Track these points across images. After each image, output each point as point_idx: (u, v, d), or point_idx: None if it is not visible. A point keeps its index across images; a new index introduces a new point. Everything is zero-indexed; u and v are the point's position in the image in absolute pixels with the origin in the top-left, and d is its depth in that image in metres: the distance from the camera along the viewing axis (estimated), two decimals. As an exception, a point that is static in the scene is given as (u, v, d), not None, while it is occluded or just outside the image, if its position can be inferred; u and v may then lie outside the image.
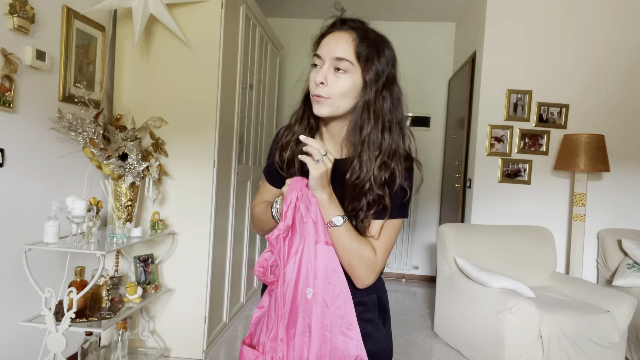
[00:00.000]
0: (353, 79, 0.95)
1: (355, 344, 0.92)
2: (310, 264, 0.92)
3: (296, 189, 0.94)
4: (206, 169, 2.52)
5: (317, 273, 0.92)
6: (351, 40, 0.94)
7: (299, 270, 0.93)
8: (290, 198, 0.93)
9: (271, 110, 3.98)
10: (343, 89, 0.95)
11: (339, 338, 0.92)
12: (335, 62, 0.94)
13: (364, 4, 4.22)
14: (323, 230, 0.93)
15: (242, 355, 1.03)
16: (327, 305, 0.92)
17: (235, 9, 2.73)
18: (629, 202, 3.44)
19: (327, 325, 0.92)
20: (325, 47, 0.96)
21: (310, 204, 0.93)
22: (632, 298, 2.53)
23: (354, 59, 0.94)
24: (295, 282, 0.93)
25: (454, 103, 4.42)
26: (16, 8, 1.81)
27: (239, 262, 3.15)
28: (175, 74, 2.50)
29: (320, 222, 0.93)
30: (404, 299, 4.05)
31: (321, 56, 0.96)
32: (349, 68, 0.94)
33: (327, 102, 0.95)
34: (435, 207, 4.76)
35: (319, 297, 0.92)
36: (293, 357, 0.93)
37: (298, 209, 0.93)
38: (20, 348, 1.99)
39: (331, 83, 0.95)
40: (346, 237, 0.94)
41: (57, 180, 2.17)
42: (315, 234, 0.93)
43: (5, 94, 1.80)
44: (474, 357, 2.68)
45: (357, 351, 0.92)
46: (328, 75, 0.95)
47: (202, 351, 2.53)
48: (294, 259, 0.93)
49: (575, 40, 3.44)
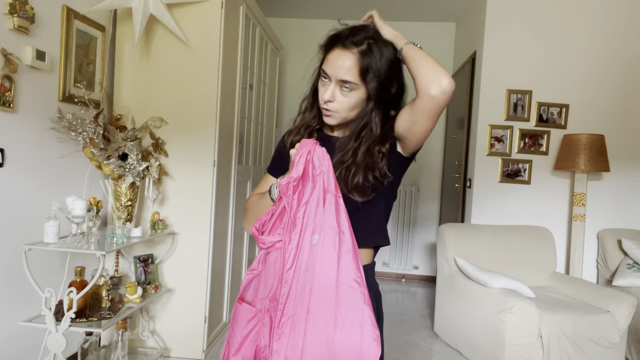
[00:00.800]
0: (358, 94, 1.02)
1: (361, 294, 0.89)
2: (319, 211, 0.94)
3: (308, 145, 0.98)
4: (206, 169, 2.52)
5: (325, 220, 0.93)
6: (355, 60, 0.98)
7: (307, 218, 0.94)
8: (302, 150, 0.97)
9: (271, 110, 3.98)
10: (349, 104, 1.02)
11: (348, 289, 0.90)
12: (342, 83, 1.00)
13: (364, 4, 4.22)
14: (334, 182, 0.96)
15: (238, 311, 1.03)
16: (333, 247, 0.92)
17: (235, 9, 2.73)
18: (629, 202, 3.44)
19: (332, 277, 0.91)
20: (331, 67, 1.01)
21: (323, 160, 0.96)
22: (632, 298, 2.53)
23: (357, 80, 0.99)
24: (302, 228, 0.94)
25: (454, 103, 4.42)
26: (16, 8, 1.81)
27: (239, 262, 3.15)
28: (175, 74, 2.50)
29: (331, 174, 0.96)
30: (404, 299, 4.05)
31: (328, 74, 1.01)
32: (354, 87, 1.00)
33: (335, 115, 1.04)
34: (435, 207, 4.76)
35: (324, 242, 0.92)
36: (294, 301, 0.92)
37: (310, 162, 0.96)
38: (20, 348, 1.99)
39: (339, 100, 1.02)
40: (422, 57, 0.97)
41: (57, 180, 2.17)
42: (327, 184, 0.95)
43: (5, 94, 1.80)
44: (474, 357, 2.68)
45: (364, 302, 0.89)
46: (335, 93, 1.01)
47: (202, 351, 2.53)
48: (304, 208, 0.95)
49: (575, 40, 3.44)
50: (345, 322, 0.89)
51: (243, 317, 1.01)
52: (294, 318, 0.91)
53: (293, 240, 0.94)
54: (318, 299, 0.90)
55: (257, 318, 0.99)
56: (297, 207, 0.95)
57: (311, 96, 1.13)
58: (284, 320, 0.91)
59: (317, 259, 0.91)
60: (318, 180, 0.95)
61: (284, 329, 0.91)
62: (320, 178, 0.95)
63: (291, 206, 0.96)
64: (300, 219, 0.95)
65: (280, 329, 0.91)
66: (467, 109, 3.82)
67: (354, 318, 0.89)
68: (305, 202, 0.95)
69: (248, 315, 1.00)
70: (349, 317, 0.89)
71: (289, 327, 0.91)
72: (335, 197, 0.94)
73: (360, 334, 0.88)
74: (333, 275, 0.90)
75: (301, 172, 0.96)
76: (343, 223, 0.93)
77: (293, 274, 0.93)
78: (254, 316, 0.99)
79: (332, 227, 0.93)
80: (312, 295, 0.90)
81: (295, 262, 0.93)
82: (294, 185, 0.95)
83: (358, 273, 0.91)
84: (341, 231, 0.92)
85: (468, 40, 4.08)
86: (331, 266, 0.91)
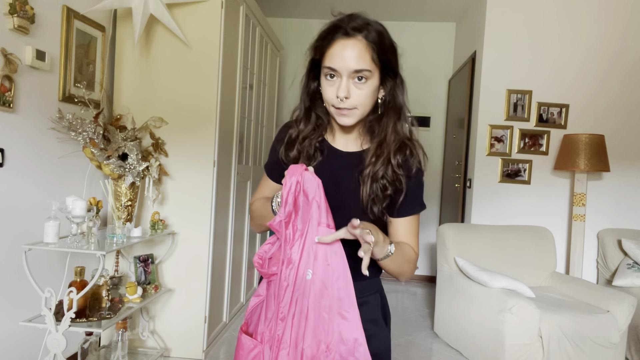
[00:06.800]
0: (373, 83, 0.95)
1: (354, 326, 0.90)
2: (312, 245, 0.92)
3: (295, 174, 0.92)
4: (206, 169, 2.52)
5: (317, 254, 0.91)
6: (364, 47, 0.92)
7: (302, 252, 0.93)
8: (290, 183, 0.92)
9: (271, 110, 3.98)
10: (367, 96, 0.95)
11: (336, 319, 0.90)
12: (355, 74, 0.92)
13: (363, 4, 4.22)
14: (325, 213, 0.92)
15: (240, 343, 1.03)
16: (325, 286, 0.91)
17: (235, 9, 2.73)
18: (629, 202, 3.44)
19: (324, 306, 0.91)
20: (339, 60, 0.92)
21: (313, 187, 0.92)
22: (632, 298, 2.53)
23: (371, 66, 0.93)
24: (297, 263, 0.93)
25: (454, 103, 4.42)
26: (16, 8, 1.81)
27: (239, 262, 3.15)
28: (175, 74, 2.50)
29: (323, 204, 0.92)
30: (404, 299, 4.05)
31: (337, 69, 0.93)
32: (368, 75, 0.93)
33: (353, 112, 0.96)
34: (435, 207, 4.76)
35: (317, 279, 0.91)
36: (290, 335, 0.92)
37: (300, 193, 0.92)
38: (20, 348, 1.99)
39: (354, 95, 0.94)
40: (399, 256, 0.97)
41: (57, 180, 2.17)
42: (318, 216, 0.92)
43: (5, 94, 1.80)
44: (474, 357, 2.68)
45: (356, 334, 0.90)
46: (350, 88, 0.93)
47: (202, 351, 2.53)
48: (299, 242, 0.93)
49: (575, 40, 3.44)
50: (331, 350, 0.90)
51: (244, 347, 1.01)
52: (290, 352, 0.92)
53: (289, 277, 0.93)
54: (312, 332, 0.91)
55: (257, 349, 0.99)
56: (293, 240, 0.94)
57: (303, 105, 1.05)
58: (282, 355, 0.92)
59: (312, 293, 0.91)
60: (312, 210, 0.92)
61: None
62: (314, 207, 0.92)
63: (286, 240, 0.94)
64: (295, 254, 0.93)
65: None
66: (467, 109, 3.82)
67: (340, 347, 0.90)
68: (300, 235, 0.93)
69: (249, 346, 1.00)
70: (334, 347, 0.90)
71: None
72: (328, 228, 0.91)
73: None
74: (326, 307, 0.91)
75: (292, 208, 0.93)
76: (332, 256, 0.91)
77: (288, 310, 0.93)
78: (255, 347, 0.99)
79: (324, 261, 0.91)
80: (307, 330, 0.91)
81: (291, 298, 0.93)
82: (286, 222, 0.93)
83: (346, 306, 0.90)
84: (330, 265, 0.91)
85: (468, 40, 4.08)
86: (325, 300, 0.91)
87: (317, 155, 1.04)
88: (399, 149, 1.00)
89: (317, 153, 1.05)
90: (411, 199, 1.02)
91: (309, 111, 1.06)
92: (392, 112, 1.01)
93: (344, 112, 0.96)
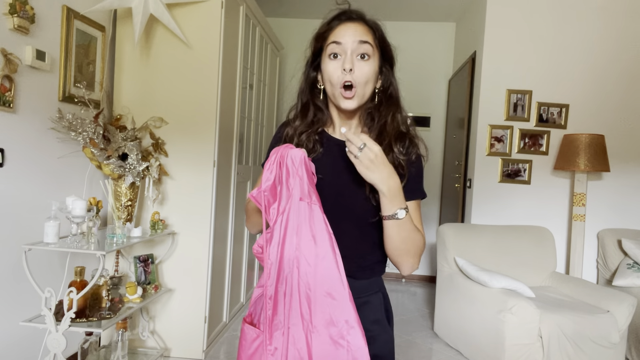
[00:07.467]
0: (374, 64, 0.98)
1: (344, 306, 0.88)
2: (295, 222, 0.90)
3: (280, 149, 0.93)
4: (206, 169, 2.52)
5: (300, 231, 0.90)
6: (366, 27, 0.98)
7: (285, 229, 0.91)
8: (273, 157, 0.92)
9: (271, 110, 3.98)
10: (368, 74, 0.96)
11: (325, 299, 0.89)
12: (359, 47, 0.95)
13: (364, 4, 4.21)
14: (308, 187, 0.90)
15: (244, 333, 1.03)
16: (309, 264, 0.89)
17: (235, 9, 2.73)
18: (629, 202, 3.44)
19: (310, 285, 0.89)
20: (344, 34, 0.96)
21: (296, 161, 0.90)
22: (632, 298, 2.53)
23: (374, 44, 0.98)
24: (282, 240, 0.91)
25: (454, 103, 4.42)
26: (16, 8, 1.81)
27: (239, 262, 3.15)
28: (175, 74, 2.50)
29: (306, 178, 0.90)
30: (404, 299, 4.05)
31: (342, 42, 0.96)
32: (371, 53, 0.97)
33: (357, 92, 0.96)
34: (435, 207, 4.76)
35: (301, 256, 0.90)
36: (284, 314, 0.91)
37: (282, 165, 0.91)
38: (20, 348, 1.99)
39: (357, 69, 0.95)
40: (407, 225, 0.94)
41: (57, 180, 2.17)
42: (300, 191, 0.90)
43: (5, 94, 1.80)
44: (474, 357, 2.68)
45: (346, 315, 0.88)
46: (354, 61, 0.96)
47: (202, 351, 2.53)
48: (282, 218, 0.91)
49: (575, 41, 3.44)
50: (320, 332, 0.88)
51: (247, 337, 1.01)
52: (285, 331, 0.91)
53: (272, 255, 0.91)
54: (297, 311, 0.90)
55: (260, 338, 0.99)
56: (276, 217, 0.92)
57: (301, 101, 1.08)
58: (276, 335, 0.91)
59: (297, 271, 0.90)
60: (293, 186, 0.90)
61: (275, 344, 0.91)
62: (295, 183, 0.90)
63: (270, 217, 0.93)
64: (277, 231, 0.91)
65: (272, 345, 0.92)
66: (467, 109, 3.82)
67: (330, 329, 0.88)
68: (282, 211, 0.91)
69: (252, 335, 1.00)
70: (323, 328, 0.88)
71: (280, 342, 0.91)
72: (309, 205, 0.90)
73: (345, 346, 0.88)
74: (312, 286, 0.89)
75: (272, 180, 0.92)
76: (317, 233, 0.89)
77: (275, 289, 0.91)
78: (257, 336, 0.99)
79: (307, 237, 0.90)
80: (292, 309, 0.90)
81: (277, 276, 0.91)
82: (266, 195, 0.92)
83: (334, 286, 0.89)
84: (315, 242, 0.89)
85: (468, 40, 4.08)
86: (310, 278, 0.89)
87: (317, 147, 1.04)
88: (399, 137, 1.02)
89: (317, 145, 1.05)
90: (412, 185, 1.02)
91: (307, 105, 1.08)
92: (390, 101, 1.03)
93: (347, 94, 0.96)
